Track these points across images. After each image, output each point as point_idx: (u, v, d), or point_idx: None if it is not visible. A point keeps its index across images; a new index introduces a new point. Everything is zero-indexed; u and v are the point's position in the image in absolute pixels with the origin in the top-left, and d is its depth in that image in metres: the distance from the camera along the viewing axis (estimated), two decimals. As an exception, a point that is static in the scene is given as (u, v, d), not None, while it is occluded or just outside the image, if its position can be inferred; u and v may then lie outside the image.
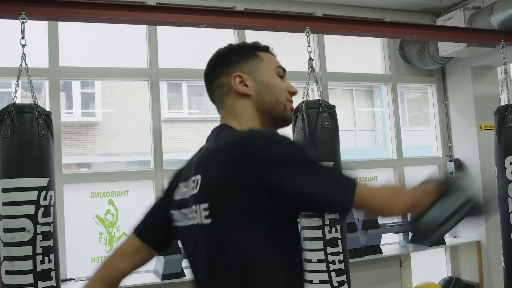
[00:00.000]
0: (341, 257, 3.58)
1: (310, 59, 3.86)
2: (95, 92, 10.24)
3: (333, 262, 3.55)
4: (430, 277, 5.33)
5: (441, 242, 5.12)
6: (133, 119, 7.42)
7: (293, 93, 1.53)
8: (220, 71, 1.50)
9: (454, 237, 5.66)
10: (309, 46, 3.86)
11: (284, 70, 1.54)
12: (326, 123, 3.66)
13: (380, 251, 4.86)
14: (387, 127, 5.78)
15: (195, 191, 1.33)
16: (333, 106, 3.78)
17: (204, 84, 1.55)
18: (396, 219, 5.43)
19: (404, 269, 5.24)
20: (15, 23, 3.20)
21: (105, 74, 4.69)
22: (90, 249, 4.19)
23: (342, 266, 3.58)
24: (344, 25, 4.36)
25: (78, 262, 4.20)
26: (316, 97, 3.86)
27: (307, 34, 3.86)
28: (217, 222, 1.26)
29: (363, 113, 10.24)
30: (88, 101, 10.46)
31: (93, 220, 4.34)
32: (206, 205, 1.28)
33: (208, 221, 1.27)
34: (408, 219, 1.27)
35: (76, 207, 4.33)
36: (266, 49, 1.55)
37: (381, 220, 4.97)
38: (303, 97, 3.81)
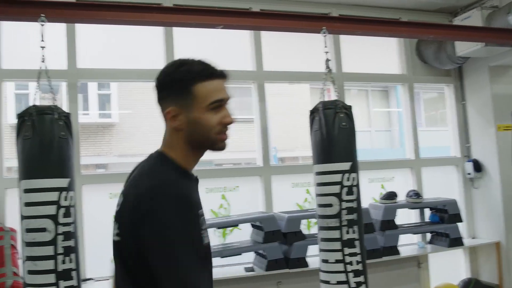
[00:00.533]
0: (358, 258, 3.56)
1: (327, 60, 3.85)
2: (111, 93, 10.33)
3: (351, 263, 3.53)
4: (449, 278, 5.29)
5: (459, 243, 5.08)
6: (149, 120, 7.45)
7: (227, 124, 1.53)
8: (161, 97, 1.54)
9: (473, 238, 5.61)
10: (325, 46, 3.85)
11: (221, 100, 1.51)
12: (343, 123, 3.65)
13: (397, 252, 4.83)
14: (404, 127, 5.74)
15: (117, 208, 1.51)
16: (350, 107, 3.76)
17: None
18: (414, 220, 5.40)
19: (422, 270, 5.21)
20: (33, 25, 3.23)
21: (122, 75, 4.71)
22: (108, 250, 4.21)
23: (359, 267, 3.56)
24: (360, 25, 4.34)
25: (96, 262, 4.23)
26: (333, 98, 3.85)
27: (324, 34, 3.85)
28: (124, 242, 1.45)
29: (379, 114, 10.20)
30: (104, 103, 10.55)
31: (112, 221, 4.36)
32: (118, 225, 1.48)
33: (118, 238, 1.48)
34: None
35: (95, 208, 4.35)
36: (210, 75, 1.50)
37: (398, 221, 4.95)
38: (320, 98, 3.80)
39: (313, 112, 3.74)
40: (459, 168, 5.77)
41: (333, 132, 3.63)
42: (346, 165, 3.60)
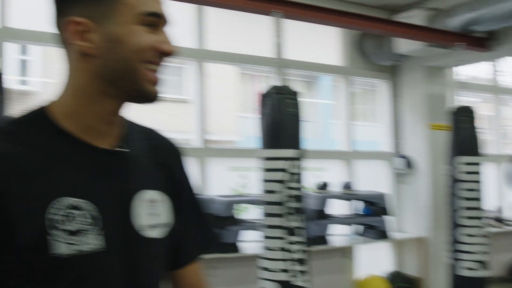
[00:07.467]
0: (302, 246, 3.51)
1: (277, 44, 3.73)
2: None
3: (294, 251, 3.48)
4: (374, 270, 5.39)
5: (385, 236, 5.17)
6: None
7: (163, 53, 1.04)
8: (57, 8, 1.03)
9: (400, 232, 5.73)
10: (275, 30, 3.73)
11: (157, 15, 1.03)
12: (292, 109, 3.58)
13: (326, 242, 4.85)
14: (331, 119, 5.79)
15: None
16: (298, 93, 3.69)
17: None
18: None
19: (348, 261, 5.26)
20: None
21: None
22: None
23: (303, 255, 3.51)
24: (308, 11, 4.30)
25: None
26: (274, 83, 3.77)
27: (275, 17, 3.73)
28: None
29: (303, 104, 10.17)
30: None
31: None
32: None
33: None
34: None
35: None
36: None
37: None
38: (269, 83, 3.70)
39: (265, 97, 3.63)
40: (390, 163, 5.88)
41: (283, 118, 3.55)
42: (293, 152, 3.53)
